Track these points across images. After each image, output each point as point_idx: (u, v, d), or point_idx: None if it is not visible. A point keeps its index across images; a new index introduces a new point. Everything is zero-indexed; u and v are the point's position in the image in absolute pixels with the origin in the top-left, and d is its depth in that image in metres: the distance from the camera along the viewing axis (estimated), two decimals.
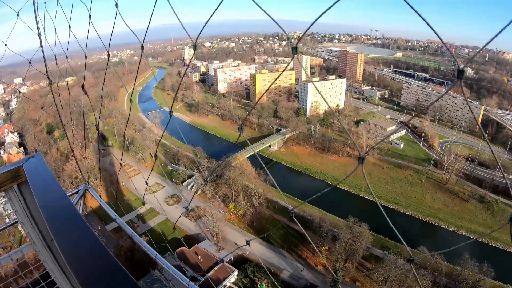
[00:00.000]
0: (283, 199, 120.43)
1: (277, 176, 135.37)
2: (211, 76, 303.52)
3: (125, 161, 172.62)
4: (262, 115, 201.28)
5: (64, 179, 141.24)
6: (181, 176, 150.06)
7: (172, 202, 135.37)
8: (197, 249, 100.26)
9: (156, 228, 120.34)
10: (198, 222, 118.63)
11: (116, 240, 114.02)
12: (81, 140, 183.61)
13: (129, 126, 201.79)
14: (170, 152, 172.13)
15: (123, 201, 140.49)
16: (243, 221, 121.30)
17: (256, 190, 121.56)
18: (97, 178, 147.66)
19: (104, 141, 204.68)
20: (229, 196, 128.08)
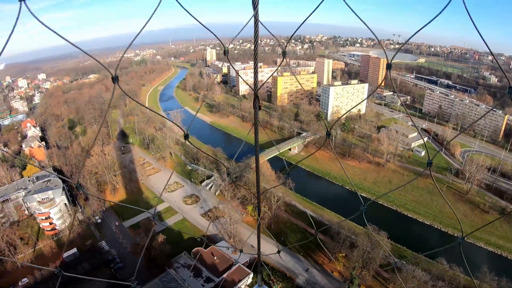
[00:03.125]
0: (302, 203, 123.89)
1: (296, 179, 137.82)
2: (233, 78, 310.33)
3: (145, 159, 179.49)
4: (283, 117, 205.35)
5: (84, 174, 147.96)
6: (200, 176, 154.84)
7: (190, 201, 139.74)
8: (213, 250, 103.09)
9: (173, 227, 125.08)
10: (216, 223, 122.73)
11: (133, 237, 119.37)
12: (102, 136, 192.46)
13: (149, 125, 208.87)
14: (190, 152, 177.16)
15: (142, 198, 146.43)
16: (260, 223, 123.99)
17: (275, 193, 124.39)
18: (116, 174, 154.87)
19: (125, 138, 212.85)
20: (247, 198, 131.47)
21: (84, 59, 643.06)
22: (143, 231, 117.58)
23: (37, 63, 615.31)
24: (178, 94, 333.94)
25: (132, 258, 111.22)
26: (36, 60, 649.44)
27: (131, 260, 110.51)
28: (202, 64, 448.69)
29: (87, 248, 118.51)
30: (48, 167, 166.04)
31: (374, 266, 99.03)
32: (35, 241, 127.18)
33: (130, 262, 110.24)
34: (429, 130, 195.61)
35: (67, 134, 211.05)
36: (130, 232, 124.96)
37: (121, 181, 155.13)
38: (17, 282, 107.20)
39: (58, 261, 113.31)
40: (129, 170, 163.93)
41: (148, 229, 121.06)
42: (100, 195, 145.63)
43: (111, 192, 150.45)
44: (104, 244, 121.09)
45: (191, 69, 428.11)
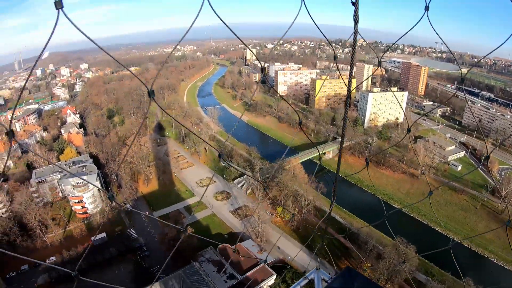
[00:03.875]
0: (333, 209, 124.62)
1: (328, 184, 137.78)
2: (272, 78, 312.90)
3: (179, 152, 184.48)
4: (319, 121, 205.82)
5: (118, 162, 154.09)
6: (232, 174, 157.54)
7: (221, 198, 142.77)
8: (238, 247, 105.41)
9: (202, 221, 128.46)
10: (244, 221, 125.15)
11: (161, 227, 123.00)
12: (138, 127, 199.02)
13: (186, 119, 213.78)
14: (224, 148, 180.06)
15: (173, 191, 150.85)
16: (289, 225, 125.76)
17: (306, 196, 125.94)
18: (150, 165, 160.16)
19: (161, 131, 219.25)
20: (278, 199, 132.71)
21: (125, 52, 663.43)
22: (172, 223, 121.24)
23: (80, 53, 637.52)
24: (217, 91, 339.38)
25: (158, 247, 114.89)
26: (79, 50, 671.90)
27: (158, 250, 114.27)
28: (242, 62, 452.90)
29: (116, 234, 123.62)
30: (85, 153, 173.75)
31: (399, 280, 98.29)
32: (66, 222, 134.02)
33: (156, 251, 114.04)
34: (468, 144, 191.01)
35: (105, 123, 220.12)
36: (160, 222, 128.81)
37: (154, 172, 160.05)
38: (44, 260, 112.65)
39: (86, 242, 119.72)
40: (163, 162, 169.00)
41: (178, 221, 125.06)
42: (133, 184, 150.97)
43: (144, 182, 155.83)
44: (133, 231, 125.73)
45: (230, 67, 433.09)
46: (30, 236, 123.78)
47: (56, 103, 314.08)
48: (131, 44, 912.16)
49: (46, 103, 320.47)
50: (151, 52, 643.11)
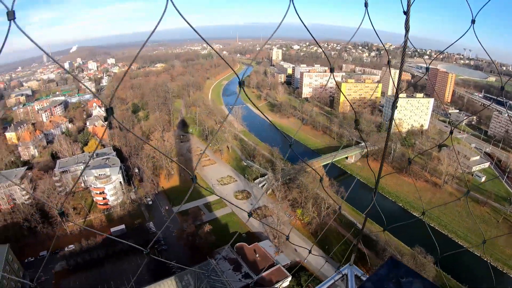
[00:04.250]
0: (351, 214, 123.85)
1: (349, 189, 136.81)
2: (297, 79, 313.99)
3: (202, 150, 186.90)
4: (343, 125, 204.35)
5: (141, 157, 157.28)
6: (254, 173, 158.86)
7: (241, 197, 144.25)
8: (256, 247, 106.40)
9: (221, 219, 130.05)
10: (263, 221, 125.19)
11: (180, 222, 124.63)
12: (164, 123, 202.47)
13: (210, 117, 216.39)
14: (247, 148, 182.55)
15: (194, 187, 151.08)
16: (307, 228, 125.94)
17: (326, 200, 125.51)
18: (173, 161, 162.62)
19: (185, 128, 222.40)
20: (298, 201, 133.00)
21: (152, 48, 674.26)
22: (191, 219, 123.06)
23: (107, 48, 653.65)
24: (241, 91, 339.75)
25: (176, 242, 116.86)
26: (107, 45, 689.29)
27: (175, 245, 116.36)
28: (267, 63, 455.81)
29: (134, 227, 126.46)
30: (109, 146, 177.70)
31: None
32: (87, 212, 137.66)
33: (174, 246, 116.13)
34: (493, 155, 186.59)
35: (130, 117, 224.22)
36: (178, 217, 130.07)
37: (176, 168, 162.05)
38: (63, 247, 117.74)
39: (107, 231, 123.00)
40: (186, 159, 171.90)
41: (197, 217, 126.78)
42: (154, 178, 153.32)
43: (165, 177, 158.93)
44: (152, 225, 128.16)
45: (256, 67, 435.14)
46: (51, 223, 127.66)
47: (83, 96, 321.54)
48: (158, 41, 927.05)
49: (73, 96, 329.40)
50: (178, 49, 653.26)
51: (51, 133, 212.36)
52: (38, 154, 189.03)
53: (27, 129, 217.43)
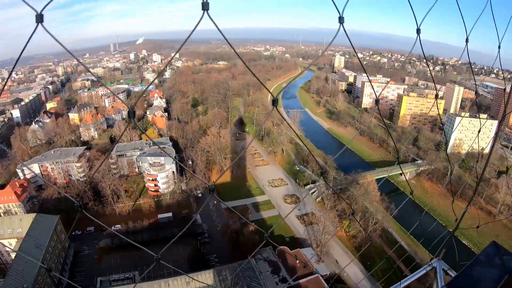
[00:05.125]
0: (398, 233, 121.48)
1: (399, 206, 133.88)
2: (358, 88, 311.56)
3: (257, 150, 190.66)
4: (401, 139, 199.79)
5: (196, 150, 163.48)
6: (305, 179, 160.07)
7: (290, 201, 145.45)
8: (298, 253, 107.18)
9: (267, 220, 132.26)
10: (308, 228, 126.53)
11: (227, 219, 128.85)
12: (221, 120, 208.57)
13: (268, 119, 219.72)
14: (301, 153, 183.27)
15: (245, 186, 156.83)
16: (352, 241, 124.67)
17: (375, 215, 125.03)
18: (226, 157, 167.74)
19: (242, 126, 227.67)
20: (346, 213, 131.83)
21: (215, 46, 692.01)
22: (237, 216, 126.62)
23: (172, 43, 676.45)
24: (301, 95, 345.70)
25: (220, 237, 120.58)
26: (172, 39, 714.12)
27: (219, 239, 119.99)
28: (329, 69, 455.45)
29: (181, 216, 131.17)
30: (166, 136, 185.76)
31: None
32: (137, 196, 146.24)
33: (217, 241, 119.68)
34: None
35: (189, 111, 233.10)
36: (226, 213, 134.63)
37: (229, 165, 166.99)
38: (111, 226, 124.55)
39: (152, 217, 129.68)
40: (239, 157, 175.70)
41: (244, 215, 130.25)
42: (206, 172, 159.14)
43: (218, 172, 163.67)
44: (198, 217, 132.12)
45: (317, 72, 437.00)
46: (102, 202, 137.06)
47: (145, 86, 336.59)
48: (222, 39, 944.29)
49: (136, 85, 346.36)
50: (241, 48, 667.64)
51: (112, 118, 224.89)
52: (98, 136, 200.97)
53: (89, 112, 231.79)
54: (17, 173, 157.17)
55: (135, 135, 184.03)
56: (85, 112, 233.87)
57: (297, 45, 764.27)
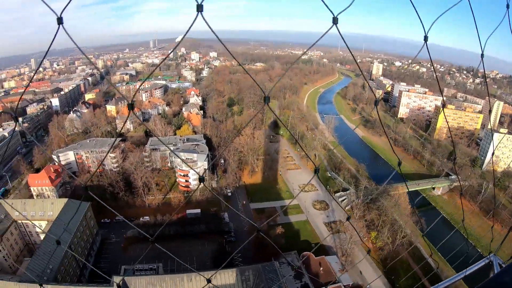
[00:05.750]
0: (426, 250, 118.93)
1: (429, 222, 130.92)
2: (395, 97, 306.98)
3: (289, 153, 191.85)
4: (436, 152, 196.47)
5: (229, 149, 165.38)
6: (336, 186, 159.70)
7: (319, 207, 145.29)
8: (322, 261, 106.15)
9: (294, 225, 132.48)
10: (335, 236, 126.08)
11: (254, 219, 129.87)
12: (256, 121, 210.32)
13: (302, 122, 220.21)
14: (334, 159, 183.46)
15: (275, 188, 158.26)
16: (377, 253, 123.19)
17: (403, 228, 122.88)
18: (259, 159, 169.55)
19: (276, 129, 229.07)
20: (374, 224, 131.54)
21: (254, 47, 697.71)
22: (265, 218, 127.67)
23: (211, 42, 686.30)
24: (337, 101, 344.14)
25: (246, 237, 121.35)
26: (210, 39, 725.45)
27: (245, 239, 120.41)
28: (367, 76, 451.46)
29: (209, 213, 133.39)
30: (200, 133, 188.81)
31: None
32: (168, 190, 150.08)
33: (242, 240, 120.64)
34: None
35: (224, 110, 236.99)
36: (254, 214, 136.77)
37: (261, 166, 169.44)
38: (139, 217, 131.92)
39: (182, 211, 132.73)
40: (272, 159, 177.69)
41: (271, 217, 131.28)
42: (238, 172, 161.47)
43: (249, 173, 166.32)
44: (226, 216, 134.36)
45: (354, 79, 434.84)
46: (133, 193, 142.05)
47: (182, 84, 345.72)
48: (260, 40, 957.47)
49: (173, 82, 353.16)
50: (278, 51, 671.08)
51: (148, 112, 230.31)
52: (133, 129, 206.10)
53: (126, 105, 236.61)
54: (53, 158, 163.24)
55: (169, 130, 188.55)
56: (122, 105, 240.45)
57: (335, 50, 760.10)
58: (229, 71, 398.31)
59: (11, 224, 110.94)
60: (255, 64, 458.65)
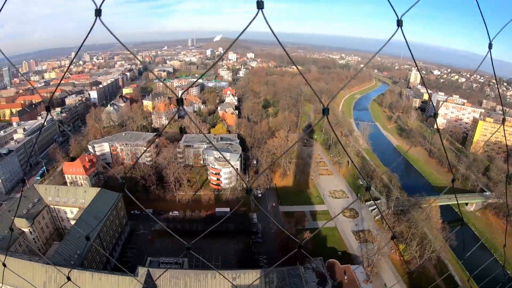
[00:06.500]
0: (455, 268, 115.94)
1: (460, 239, 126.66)
2: (432, 107, 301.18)
3: (322, 158, 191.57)
4: (471, 167, 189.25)
5: (262, 150, 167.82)
6: (367, 194, 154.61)
7: (348, 215, 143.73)
8: (347, 269, 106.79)
9: (322, 231, 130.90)
10: (362, 246, 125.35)
11: (283, 222, 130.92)
12: (290, 124, 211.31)
13: (337, 128, 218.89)
14: (366, 167, 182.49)
15: (305, 192, 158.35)
16: (404, 267, 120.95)
17: (433, 243, 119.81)
18: (291, 162, 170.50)
19: (310, 133, 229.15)
20: (403, 236, 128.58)
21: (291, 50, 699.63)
22: (294, 222, 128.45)
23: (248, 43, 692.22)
24: (373, 108, 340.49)
25: (273, 240, 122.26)
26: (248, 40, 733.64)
27: (271, 242, 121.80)
28: (404, 84, 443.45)
29: (239, 213, 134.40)
30: (234, 133, 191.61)
31: None
32: (199, 187, 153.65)
33: (269, 243, 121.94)
34: None
35: (259, 111, 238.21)
36: (282, 216, 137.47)
37: (293, 170, 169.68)
38: (168, 211, 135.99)
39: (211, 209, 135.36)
40: (304, 163, 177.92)
41: (300, 222, 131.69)
42: (269, 174, 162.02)
43: (280, 175, 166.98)
44: (255, 217, 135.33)
45: (391, 86, 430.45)
46: (164, 187, 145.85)
47: (219, 83, 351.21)
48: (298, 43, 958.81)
49: (210, 81, 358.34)
50: (316, 55, 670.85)
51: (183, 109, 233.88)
52: (168, 125, 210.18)
53: (163, 101, 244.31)
54: (88, 148, 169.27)
55: (204, 128, 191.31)
56: (158, 100, 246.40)
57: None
58: (265, 72, 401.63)
59: (44, 208, 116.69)
60: (292, 66, 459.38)
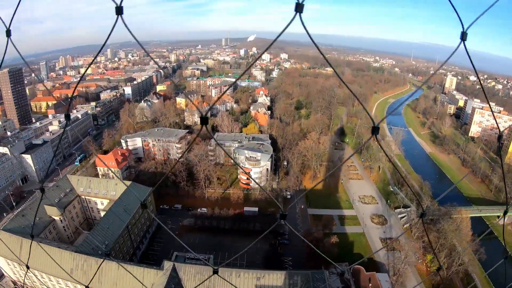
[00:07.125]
0: (481, 281, 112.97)
1: (489, 253, 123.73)
2: (467, 114, 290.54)
3: (353, 162, 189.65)
4: (506, 177, 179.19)
5: (293, 152, 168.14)
6: (397, 202, 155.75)
7: (377, 221, 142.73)
8: (372, 277, 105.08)
9: (349, 236, 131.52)
10: (389, 254, 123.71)
11: (310, 225, 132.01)
12: (322, 126, 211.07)
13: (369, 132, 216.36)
14: (398, 173, 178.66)
15: (334, 196, 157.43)
16: (430, 278, 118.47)
17: (461, 255, 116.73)
18: (322, 164, 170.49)
19: (342, 136, 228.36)
20: (432, 246, 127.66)
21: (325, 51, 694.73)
22: (321, 225, 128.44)
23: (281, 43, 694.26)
24: (406, 113, 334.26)
25: (299, 242, 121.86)
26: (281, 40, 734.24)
27: (298, 244, 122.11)
28: (439, 89, 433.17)
29: (266, 213, 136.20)
30: (266, 133, 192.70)
31: None
32: (228, 186, 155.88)
33: (295, 245, 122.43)
34: None
35: (292, 112, 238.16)
36: (310, 219, 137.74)
37: (323, 172, 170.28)
38: (197, 208, 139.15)
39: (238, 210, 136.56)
40: (335, 166, 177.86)
41: (327, 225, 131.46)
42: (299, 175, 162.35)
43: (310, 177, 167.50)
44: None
45: (426, 91, 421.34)
46: (194, 184, 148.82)
47: (252, 83, 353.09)
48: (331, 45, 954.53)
49: (243, 80, 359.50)
50: (350, 57, 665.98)
51: (216, 108, 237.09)
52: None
53: (196, 99, 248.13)
54: (121, 143, 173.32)
55: (236, 128, 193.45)
56: (191, 98, 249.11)
57: (408, 60, 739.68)
58: (299, 73, 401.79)
59: (75, 198, 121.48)
60: (325, 68, 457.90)
